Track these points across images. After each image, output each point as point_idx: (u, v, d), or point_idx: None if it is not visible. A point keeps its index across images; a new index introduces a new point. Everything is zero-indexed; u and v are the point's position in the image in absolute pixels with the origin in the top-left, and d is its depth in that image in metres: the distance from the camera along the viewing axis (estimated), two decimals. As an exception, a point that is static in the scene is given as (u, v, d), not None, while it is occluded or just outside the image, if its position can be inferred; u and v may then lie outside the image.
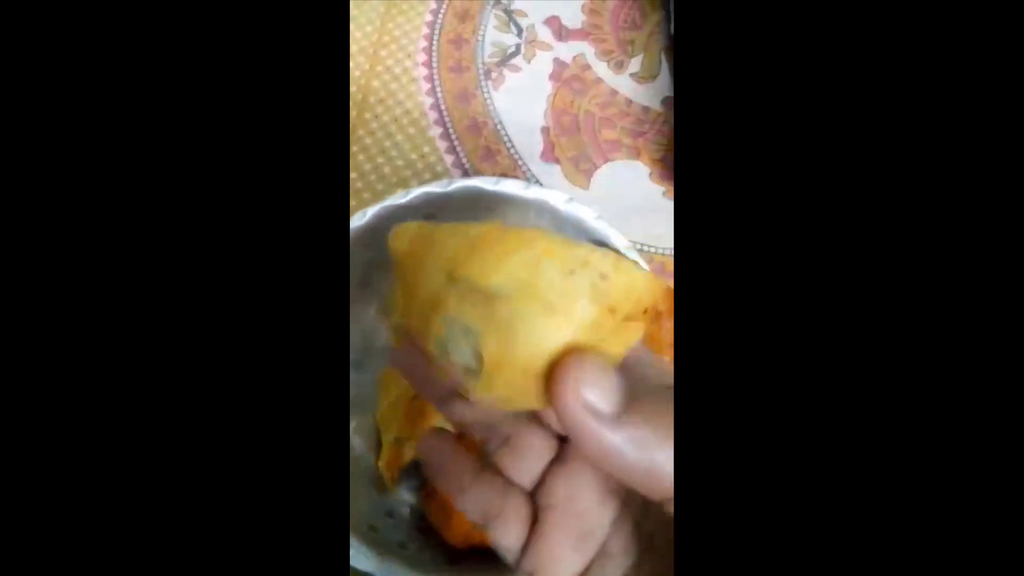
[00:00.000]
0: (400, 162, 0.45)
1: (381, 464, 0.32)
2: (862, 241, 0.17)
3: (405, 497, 0.33)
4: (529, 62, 0.50)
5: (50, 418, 0.16)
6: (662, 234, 0.43)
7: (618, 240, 0.33)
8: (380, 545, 0.28)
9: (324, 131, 0.18)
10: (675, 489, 0.16)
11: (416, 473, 0.34)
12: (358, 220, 0.32)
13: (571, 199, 0.34)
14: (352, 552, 0.27)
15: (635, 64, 0.50)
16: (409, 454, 0.32)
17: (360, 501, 0.31)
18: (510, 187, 0.34)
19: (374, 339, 0.37)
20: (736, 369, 0.16)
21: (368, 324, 0.36)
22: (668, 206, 0.44)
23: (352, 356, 0.35)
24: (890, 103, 0.17)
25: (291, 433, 0.17)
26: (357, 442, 0.34)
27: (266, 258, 0.17)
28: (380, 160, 0.45)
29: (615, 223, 0.33)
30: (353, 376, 0.35)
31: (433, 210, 0.34)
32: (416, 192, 0.33)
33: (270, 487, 0.17)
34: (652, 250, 0.43)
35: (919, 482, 0.16)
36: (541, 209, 0.34)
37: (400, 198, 0.33)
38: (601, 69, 0.50)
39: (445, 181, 0.33)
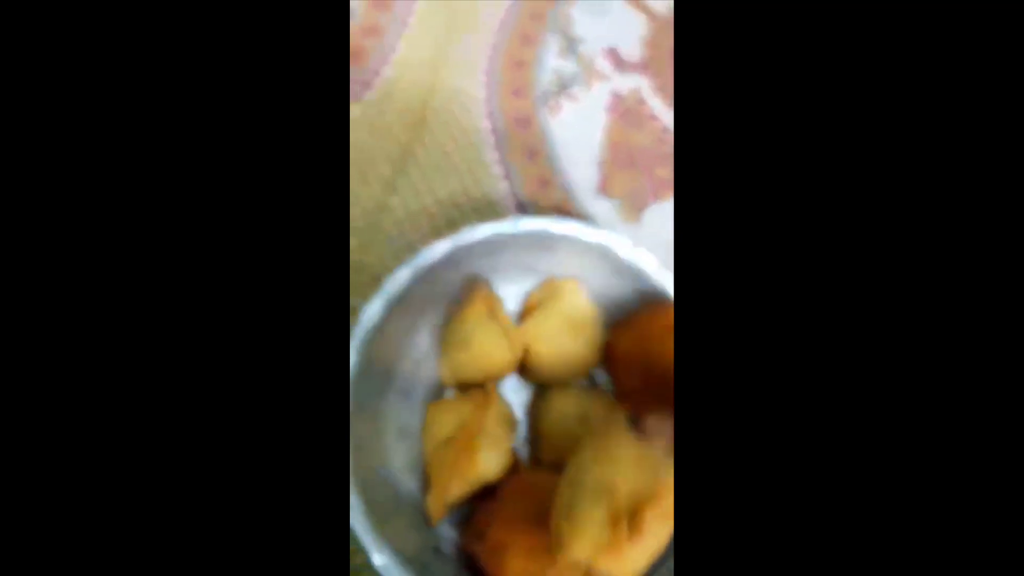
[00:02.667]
0: (456, 185, 0.46)
1: (429, 502, 0.32)
2: (864, 257, 0.17)
3: (449, 535, 0.34)
4: (587, 92, 0.50)
5: (51, 418, 0.17)
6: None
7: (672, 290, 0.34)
8: None
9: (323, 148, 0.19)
10: (675, 487, 0.17)
11: (465, 513, 0.34)
12: (428, 255, 0.33)
13: (636, 246, 0.34)
14: None
15: (691, 102, 0.50)
16: (456, 493, 0.32)
17: (409, 534, 0.32)
18: (575, 230, 0.34)
19: (422, 369, 0.38)
20: (734, 380, 0.17)
21: (419, 354, 0.37)
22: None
23: (401, 385, 0.36)
24: (895, 115, 0.17)
25: (292, 435, 0.18)
26: (405, 478, 0.34)
27: (266, 260, 0.18)
28: (436, 182, 0.46)
29: (663, 262, 0.34)
30: (400, 404, 0.36)
31: (497, 247, 0.35)
32: (485, 229, 0.33)
33: (271, 490, 0.18)
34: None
35: (917, 483, 0.16)
36: (604, 254, 0.35)
37: (468, 235, 0.33)
38: (656, 105, 0.50)
39: (513, 220, 0.34)
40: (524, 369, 0.37)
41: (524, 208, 0.45)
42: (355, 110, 0.47)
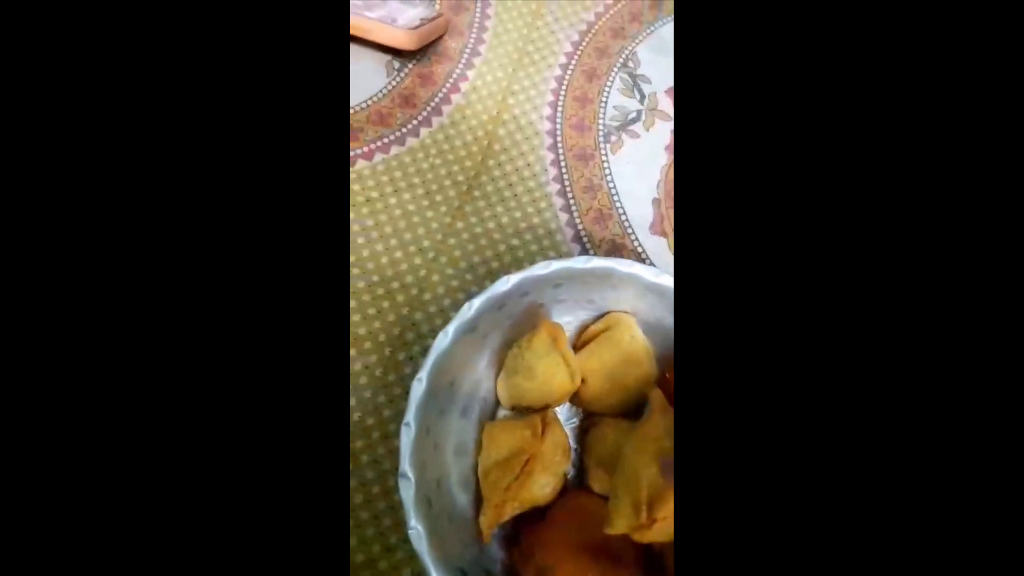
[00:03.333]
0: (517, 214, 0.48)
1: (482, 520, 0.34)
2: (863, 262, 0.17)
3: (498, 555, 0.36)
4: (648, 130, 0.52)
5: (52, 418, 0.17)
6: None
7: None
8: None
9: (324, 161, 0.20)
10: (675, 488, 0.18)
11: (511, 532, 0.36)
12: (502, 286, 0.35)
13: None
14: None
15: (748, 145, 0.52)
16: (508, 513, 0.34)
17: (459, 551, 0.33)
18: (640, 271, 0.36)
19: (480, 389, 0.40)
20: (733, 381, 0.18)
21: (479, 374, 0.40)
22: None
23: (461, 403, 0.38)
24: (896, 111, 0.18)
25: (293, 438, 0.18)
26: (459, 493, 0.36)
27: (267, 264, 0.19)
28: (499, 209, 0.48)
29: None
30: (459, 422, 0.38)
31: (563, 280, 0.37)
32: (556, 266, 0.35)
33: (273, 495, 0.18)
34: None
35: (916, 482, 0.16)
36: (662, 294, 0.37)
37: (540, 269, 0.35)
38: (715, 146, 0.52)
39: (584, 258, 0.36)
40: (576, 397, 0.39)
41: (581, 240, 0.47)
42: (425, 135, 0.50)
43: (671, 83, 0.54)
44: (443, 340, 0.34)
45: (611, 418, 0.38)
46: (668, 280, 0.36)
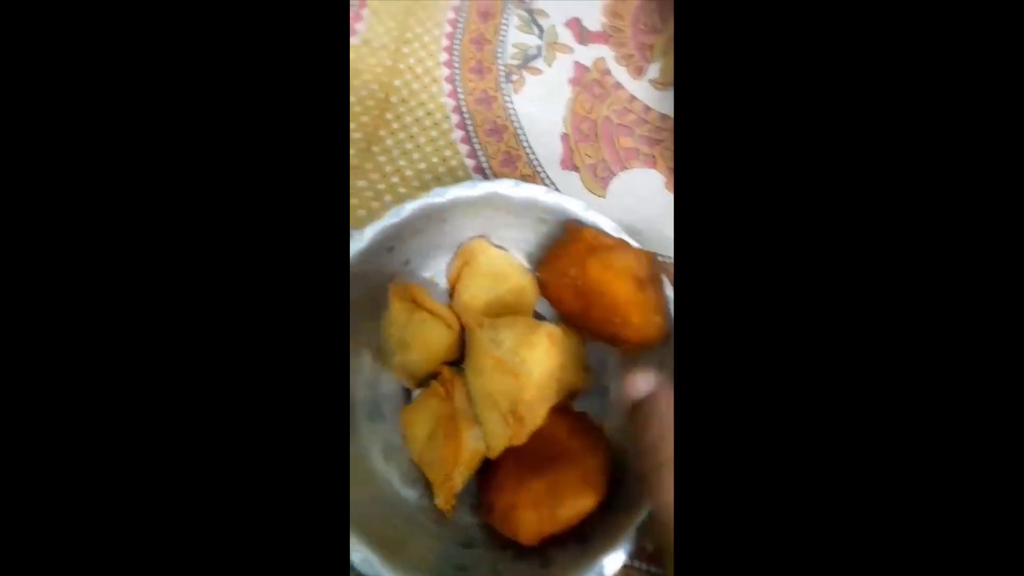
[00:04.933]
0: (422, 165, 0.46)
1: (439, 502, 0.32)
2: (860, 252, 0.17)
3: (470, 521, 0.34)
4: (550, 65, 0.50)
5: (47, 418, 0.17)
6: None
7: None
8: None
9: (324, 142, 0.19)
10: (675, 489, 0.18)
11: (469, 494, 0.34)
12: (394, 216, 0.33)
13: (588, 207, 0.35)
14: None
15: (654, 70, 0.51)
16: (459, 480, 0.32)
17: (436, 545, 0.32)
18: (532, 192, 0.34)
19: (379, 386, 0.37)
20: (733, 368, 0.18)
21: (368, 372, 0.37)
22: (682, 217, 0.45)
23: (364, 409, 0.36)
24: (895, 105, 0.18)
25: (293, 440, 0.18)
26: (410, 493, 0.34)
27: (268, 266, 0.19)
28: (402, 163, 0.46)
29: (630, 232, 0.34)
30: (374, 427, 0.35)
31: (459, 211, 0.35)
32: (451, 193, 0.33)
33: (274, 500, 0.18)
34: (666, 259, 0.44)
35: (915, 481, 0.16)
36: (561, 215, 0.35)
37: (435, 196, 0.33)
38: (621, 74, 0.50)
39: (471, 183, 0.34)
40: (467, 336, 0.38)
41: (492, 185, 0.46)
42: (317, 95, 0.47)
43: (569, 14, 0.52)
44: None
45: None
46: (567, 201, 0.34)
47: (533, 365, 0.30)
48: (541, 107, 0.48)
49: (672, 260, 0.44)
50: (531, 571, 0.31)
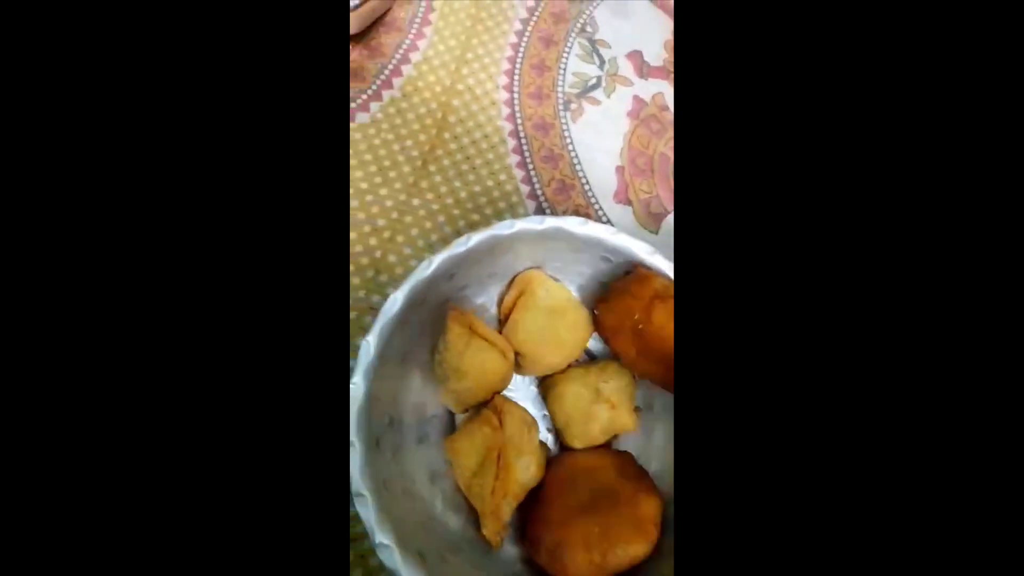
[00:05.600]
0: (477, 188, 0.46)
1: (485, 533, 0.32)
2: (861, 260, 0.17)
3: (513, 554, 0.34)
4: (609, 96, 0.50)
5: (51, 420, 0.17)
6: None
7: None
8: None
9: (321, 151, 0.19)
10: (675, 487, 0.18)
11: (518, 529, 0.34)
12: (462, 245, 0.33)
13: (655, 252, 0.34)
14: None
15: (712, 109, 0.50)
16: (507, 513, 0.32)
17: (479, 572, 0.31)
18: (598, 231, 0.34)
19: (426, 410, 0.37)
20: (733, 375, 0.18)
21: (415, 396, 0.36)
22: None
23: (416, 432, 0.36)
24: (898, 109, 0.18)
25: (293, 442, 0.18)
26: (450, 517, 0.34)
27: (268, 265, 0.19)
28: (457, 184, 0.46)
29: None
30: (422, 449, 0.35)
31: (522, 243, 0.35)
32: (517, 226, 0.33)
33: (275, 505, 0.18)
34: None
35: (914, 480, 0.16)
36: (626, 256, 0.35)
37: (503, 228, 0.33)
38: (678, 110, 0.50)
39: (537, 218, 0.34)
40: (520, 368, 0.38)
41: (544, 212, 0.45)
42: (375, 110, 0.47)
43: (631, 47, 0.52)
44: (368, 346, 0.31)
45: (561, 374, 0.37)
46: (632, 243, 0.34)
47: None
48: (598, 138, 0.48)
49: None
50: None
